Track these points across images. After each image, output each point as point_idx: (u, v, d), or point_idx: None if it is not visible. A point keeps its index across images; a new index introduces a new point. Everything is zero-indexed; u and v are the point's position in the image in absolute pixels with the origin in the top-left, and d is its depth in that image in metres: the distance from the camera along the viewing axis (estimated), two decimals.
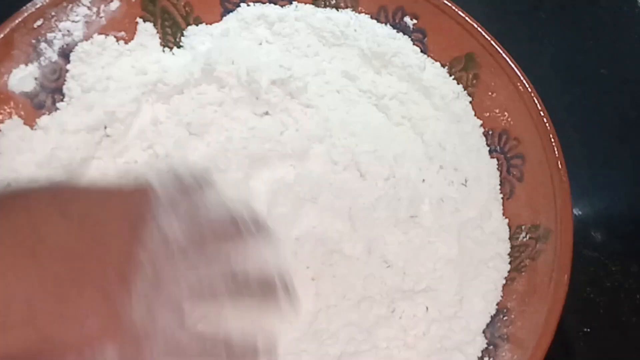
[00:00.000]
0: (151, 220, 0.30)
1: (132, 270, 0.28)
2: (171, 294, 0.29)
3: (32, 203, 0.29)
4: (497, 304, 0.41)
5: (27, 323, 0.26)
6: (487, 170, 0.46)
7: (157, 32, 0.49)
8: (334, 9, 0.51)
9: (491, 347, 0.40)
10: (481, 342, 0.40)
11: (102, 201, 0.31)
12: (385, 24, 0.51)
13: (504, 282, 0.42)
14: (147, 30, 0.49)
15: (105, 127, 0.45)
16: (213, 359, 0.30)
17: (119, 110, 0.45)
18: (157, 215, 0.30)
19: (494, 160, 0.46)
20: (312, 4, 0.51)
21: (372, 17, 0.51)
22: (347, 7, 0.51)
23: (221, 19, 0.51)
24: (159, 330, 0.28)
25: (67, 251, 0.28)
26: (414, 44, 0.50)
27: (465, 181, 0.46)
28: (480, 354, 0.39)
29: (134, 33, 0.49)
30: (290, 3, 0.51)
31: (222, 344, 0.31)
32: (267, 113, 0.47)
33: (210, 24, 0.50)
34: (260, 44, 0.50)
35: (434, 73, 0.49)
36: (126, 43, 0.48)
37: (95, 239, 0.29)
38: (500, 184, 0.46)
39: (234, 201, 0.33)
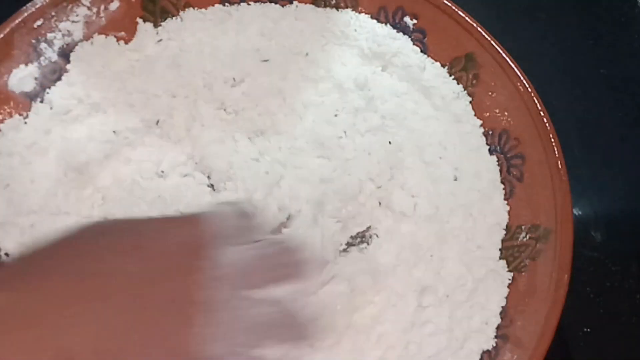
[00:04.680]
0: (207, 257, 0.29)
1: (194, 304, 0.28)
2: (232, 328, 0.29)
3: (87, 245, 0.29)
4: None
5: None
6: (488, 170, 0.46)
7: (157, 32, 0.49)
8: (334, 9, 0.51)
9: (491, 347, 0.40)
10: (497, 320, 0.41)
11: (157, 235, 0.30)
12: (385, 24, 0.51)
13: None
14: (147, 30, 0.49)
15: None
16: None
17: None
18: (218, 246, 0.30)
19: (495, 161, 0.46)
20: (312, 4, 0.51)
21: (372, 17, 0.51)
22: (347, 7, 0.51)
23: None
24: None
25: (126, 292, 0.28)
26: (414, 44, 0.50)
27: None
28: (496, 333, 0.40)
29: (134, 33, 0.49)
30: (291, 3, 0.51)
31: None
32: None
33: None
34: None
35: (434, 73, 0.49)
36: (126, 43, 0.48)
37: (151, 277, 0.28)
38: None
39: (295, 240, 0.34)
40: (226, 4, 0.50)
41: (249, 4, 0.50)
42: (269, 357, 0.31)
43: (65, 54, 0.46)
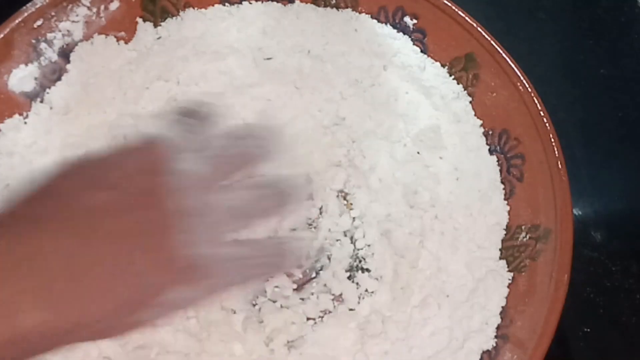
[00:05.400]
0: (170, 164, 0.30)
1: (166, 215, 0.29)
2: (210, 224, 0.30)
3: (59, 182, 0.30)
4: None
5: (100, 289, 0.27)
6: (488, 170, 0.46)
7: (157, 32, 0.49)
8: (334, 9, 0.51)
9: (491, 347, 0.40)
10: (497, 320, 0.41)
11: (119, 162, 0.31)
12: (385, 23, 0.51)
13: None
14: (147, 30, 0.49)
15: None
16: (257, 265, 0.32)
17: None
18: (175, 157, 0.30)
19: (495, 160, 0.46)
20: (313, 3, 0.51)
21: (372, 17, 0.51)
22: (347, 7, 0.51)
23: None
24: (209, 259, 0.29)
25: (103, 216, 0.28)
26: (414, 44, 0.50)
27: None
28: (496, 333, 0.40)
29: (134, 33, 0.49)
30: (292, 2, 0.51)
31: (260, 249, 0.32)
32: None
33: None
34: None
35: (434, 73, 0.49)
36: (126, 43, 0.48)
37: (123, 198, 0.29)
38: None
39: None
40: (226, 4, 0.50)
41: (250, 3, 0.51)
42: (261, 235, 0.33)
43: (65, 54, 0.46)
